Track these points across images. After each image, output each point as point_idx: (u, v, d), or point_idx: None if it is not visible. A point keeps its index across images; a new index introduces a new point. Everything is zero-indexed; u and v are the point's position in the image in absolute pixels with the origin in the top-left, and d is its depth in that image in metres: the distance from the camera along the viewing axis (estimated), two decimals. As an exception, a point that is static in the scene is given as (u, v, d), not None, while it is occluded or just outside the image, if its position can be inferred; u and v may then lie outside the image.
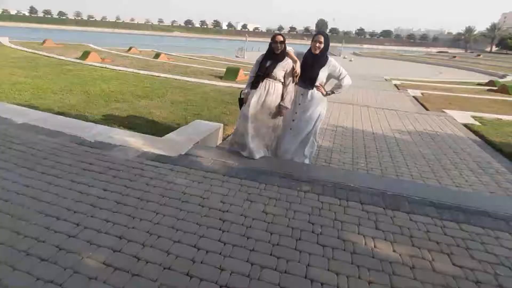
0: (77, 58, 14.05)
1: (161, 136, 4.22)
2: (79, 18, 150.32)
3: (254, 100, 3.47)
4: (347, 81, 3.50)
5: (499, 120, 7.65)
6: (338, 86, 3.54)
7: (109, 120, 5.14)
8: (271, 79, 3.44)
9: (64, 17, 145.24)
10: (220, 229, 2.32)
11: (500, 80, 19.40)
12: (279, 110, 3.51)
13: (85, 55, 14.30)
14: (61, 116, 4.76)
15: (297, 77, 3.47)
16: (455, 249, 2.28)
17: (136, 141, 3.84)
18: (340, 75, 3.49)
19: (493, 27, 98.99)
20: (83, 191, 2.68)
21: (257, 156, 3.59)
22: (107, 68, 11.75)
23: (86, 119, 4.96)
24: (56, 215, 2.33)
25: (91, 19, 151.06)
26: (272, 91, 3.45)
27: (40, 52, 14.80)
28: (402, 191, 3.05)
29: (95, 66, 12.01)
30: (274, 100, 3.47)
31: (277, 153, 3.75)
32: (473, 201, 3.00)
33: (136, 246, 2.08)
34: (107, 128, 4.31)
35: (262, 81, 3.45)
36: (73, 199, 2.55)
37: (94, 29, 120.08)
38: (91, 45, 22.83)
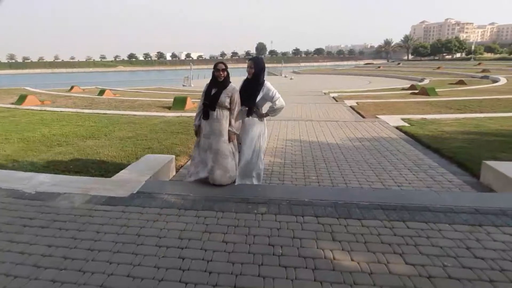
0: (12, 104, 13.11)
1: (110, 177, 4.04)
2: (13, 60, 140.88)
3: (207, 130, 3.53)
4: (279, 103, 3.65)
5: (424, 119, 8.47)
6: (272, 109, 3.69)
7: (52, 166, 4.81)
8: (217, 107, 3.49)
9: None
10: (180, 269, 2.23)
11: (420, 83, 22.15)
12: (229, 135, 3.55)
13: (22, 99, 13.41)
14: (-5, 170, 4.36)
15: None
16: (406, 247, 2.42)
17: (83, 186, 3.63)
18: (273, 97, 3.64)
19: (406, 39, 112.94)
20: (24, 251, 2.44)
21: (224, 182, 3.57)
22: (47, 110, 11.09)
23: (25, 169, 4.59)
24: (-8, 285, 2.10)
25: (27, 60, 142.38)
26: (221, 117, 3.51)
27: (-32, 102, 13.60)
28: (352, 199, 3.20)
29: (34, 110, 11.28)
30: (224, 126, 3.51)
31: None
32: (414, 198, 3.25)
33: (88, 303, 1.93)
34: (50, 176, 4.03)
35: (212, 110, 3.49)
36: (13, 262, 2.31)
37: (31, 71, 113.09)
38: (28, 88, 21.49)
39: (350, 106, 11.84)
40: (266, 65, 3.85)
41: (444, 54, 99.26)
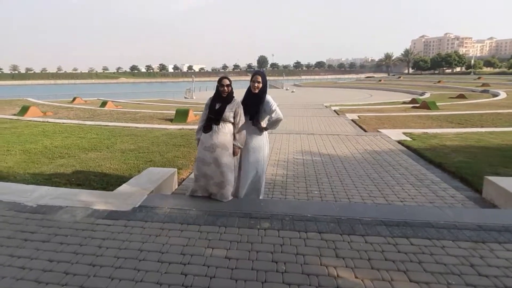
0: (14, 115, 13.21)
1: (112, 190, 4.03)
2: (16, 71, 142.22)
3: (210, 143, 3.50)
4: (275, 116, 3.67)
5: (425, 133, 8.49)
6: (270, 122, 3.72)
7: (54, 179, 4.81)
8: (222, 121, 3.51)
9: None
10: (182, 285, 2.21)
11: (421, 97, 22.30)
12: (233, 150, 3.56)
13: (24, 110, 13.52)
14: (-3, 182, 4.36)
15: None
16: (409, 264, 2.40)
17: (84, 199, 3.62)
18: (271, 109, 3.65)
19: (407, 52, 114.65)
20: (25, 266, 2.43)
21: (227, 199, 3.56)
22: (49, 122, 11.16)
23: (26, 181, 4.59)
24: (-7, 300, 2.08)
25: (30, 71, 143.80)
26: (226, 131, 3.52)
27: (-29, 112, 13.69)
28: (355, 214, 3.20)
29: (36, 121, 11.34)
30: (229, 140, 3.53)
31: (237, 194, 3.75)
32: (417, 214, 3.23)
33: (89, 320, 1.91)
34: (51, 188, 4.03)
35: (217, 124, 3.50)
36: (13, 277, 2.29)
37: (34, 82, 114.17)
38: (30, 99, 21.67)
39: (352, 120, 11.88)
40: (268, 78, 3.90)
41: (444, 68, 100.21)
